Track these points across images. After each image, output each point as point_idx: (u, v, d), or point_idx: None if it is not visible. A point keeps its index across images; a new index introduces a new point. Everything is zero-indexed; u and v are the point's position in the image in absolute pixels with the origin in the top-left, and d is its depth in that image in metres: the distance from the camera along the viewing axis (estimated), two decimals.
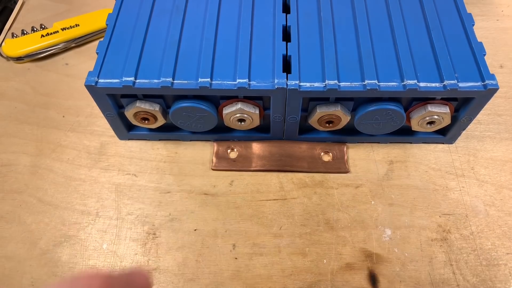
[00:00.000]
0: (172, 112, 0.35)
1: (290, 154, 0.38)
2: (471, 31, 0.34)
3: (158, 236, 0.35)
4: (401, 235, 0.34)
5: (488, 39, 0.46)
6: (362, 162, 0.38)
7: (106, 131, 0.40)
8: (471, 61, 0.32)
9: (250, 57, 0.33)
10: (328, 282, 0.33)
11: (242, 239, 0.34)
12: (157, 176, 0.38)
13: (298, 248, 0.34)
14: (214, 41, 0.34)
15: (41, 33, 0.46)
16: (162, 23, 0.36)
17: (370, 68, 0.32)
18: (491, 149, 0.39)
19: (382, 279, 0.33)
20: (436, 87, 0.31)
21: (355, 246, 0.34)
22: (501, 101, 0.41)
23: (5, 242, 0.35)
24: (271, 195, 0.37)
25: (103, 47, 0.34)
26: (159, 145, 0.40)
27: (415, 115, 0.34)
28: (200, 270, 0.33)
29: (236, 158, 0.38)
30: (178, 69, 0.33)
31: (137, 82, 0.32)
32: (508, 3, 0.49)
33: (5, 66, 0.46)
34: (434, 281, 0.32)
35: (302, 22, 0.36)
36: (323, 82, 0.32)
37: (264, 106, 0.35)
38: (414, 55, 0.33)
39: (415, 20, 0.35)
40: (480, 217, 0.35)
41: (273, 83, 0.32)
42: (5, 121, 0.42)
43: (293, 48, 0.34)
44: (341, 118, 0.35)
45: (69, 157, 0.39)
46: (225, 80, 0.32)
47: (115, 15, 0.36)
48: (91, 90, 0.32)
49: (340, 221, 0.35)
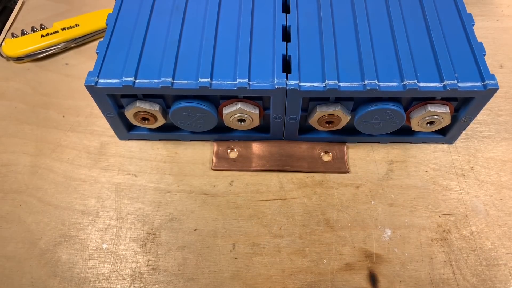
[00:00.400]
0: (172, 112, 0.35)
1: (290, 154, 0.38)
2: (471, 31, 0.34)
3: (158, 236, 0.35)
4: (401, 235, 0.34)
5: (488, 39, 0.46)
6: (362, 162, 0.38)
7: (106, 131, 0.40)
8: (471, 61, 0.32)
9: (250, 57, 0.33)
10: (328, 282, 0.33)
11: (242, 239, 0.34)
12: (157, 176, 0.38)
13: (298, 248, 0.34)
14: (214, 41, 0.34)
15: (41, 33, 0.46)
16: (162, 23, 0.36)
17: (370, 68, 0.32)
18: (491, 149, 0.39)
19: (382, 279, 0.33)
20: (436, 87, 0.31)
21: (355, 246, 0.34)
22: (501, 101, 0.41)
23: (5, 242, 0.35)
24: (271, 195, 0.37)
25: (103, 47, 0.34)
26: (159, 145, 0.40)
27: (415, 115, 0.34)
28: (200, 270, 0.33)
29: (236, 158, 0.38)
30: (178, 69, 0.33)
31: (137, 82, 0.32)
32: (508, 3, 0.49)
33: (5, 66, 0.46)
34: (434, 281, 0.32)
35: (302, 22, 0.36)
36: (323, 82, 0.32)
37: (264, 106, 0.35)
38: (414, 55, 0.33)
39: (415, 20, 0.35)
40: (480, 217, 0.35)
41: (273, 83, 0.32)
42: (5, 121, 0.42)
43: (293, 48, 0.34)
44: (341, 118, 0.35)
45: (69, 157, 0.39)
46: (225, 80, 0.32)
47: (115, 15, 0.36)
48: (91, 90, 0.32)
49: (340, 221, 0.35)
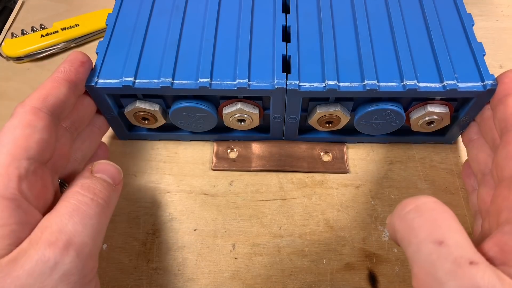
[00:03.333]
0: (172, 112, 0.35)
1: (290, 154, 0.38)
2: (471, 31, 0.34)
3: (158, 236, 0.35)
4: None
5: (488, 39, 0.46)
6: (362, 162, 0.38)
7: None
8: (471, 61, 0.32)
9: (250, 57, 0.33)
10: (327, 282, 0.33)
11: (242, 239, 0.35)
12: (157, 176, 0.38)
13: (298, 248, 0.34)
14: (214, 41, 0.34)
15: (41, 33, 0.46)
16: (162, 23, 0.36)
17: (370, 68, 0.32)
18: None
19: (381, 279, 0.33)
20: (436, 87, 0.31)
21: (354, 246, 0.34)
22: None
23: None
24: (271, 195, 0.37)
25: (103, 47, 0.34)
26: (159, 145, 0.40)
27: (414, 115, 0.34)
28: (200, 270, 0.33)
29: (236, 158, 0.38)
30: (178, 69, 0.33)
31: (137, 82, 0.32)
32: (508, 3, 0.49)
33: (5, 66, 0.46)
34: None
35: (302, 22, 0.36)
36: (322, 82, 0.32)
37: (264, 106, 0.35)
38: (414, 55, 0.33)
39: (414, 20, 0.35)
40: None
41: (273, 83, 0.32)
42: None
43: (293, 48, 0.34)
44: (341, 118, 0.35)
45: None
46: (225, 80, 0.32)
47: (115, 15, 0.36)
48: (91, 90, 0.32)
49: (340, 221, 0.35)
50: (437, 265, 0.19)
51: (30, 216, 0.23)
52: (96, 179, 0.26)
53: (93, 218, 0.23)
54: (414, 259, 0.21)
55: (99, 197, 0.25)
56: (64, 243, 0.22)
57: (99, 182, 0.26)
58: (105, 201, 0.25)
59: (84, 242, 0.22)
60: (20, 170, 0.23)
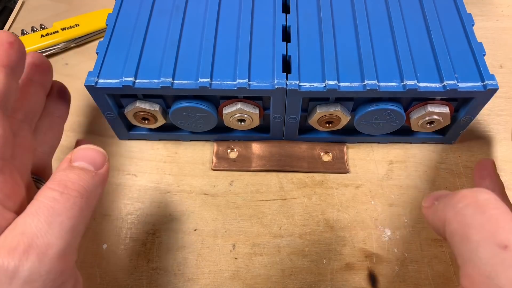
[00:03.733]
0: (172, 112, 0.35)
1: (290, 154, 0.38)
2: (471, 31, 0.34)
3: (158, 236, 0.35)
4: (400, 235, 0.34)
5: (488, 39, 0.46)
6: (362, 162, 0.38)
7: (106, 131, 0.40)
8: (471, 61, 0.32)
9: (250, 57, 0.33)
10: (328, 282, 0.33)
11: (242, 239, 0.35)
12: (157, 176, 0.38)
13: (298, 248, 0.34)
14: (214, 41, 0.34)
15: (41, 33, 0.46)
16: (162, 23, 0.36)
17: (370, 68, 0.32)
18: (491, 149, 0.39)
19: (381, 279, 0.33)
20: (436, 87, 0.31)
21: (354, 246, 0.34)
22: (501, 101, 0.41)
23: None
24: (271, 195, 0.37)
25: (103, 47, 0.34)
26: (159, 145, 0.40)
27: (415, 115, 0.34)
28: (200, 270, 0.33)
29: (236, 158, 0.38)
30: (178, 69, 0.33)
31: (137, 82, 0.32)
32: (508, 3, 0.49)
33: None
34: (434, 281, 0.32)
35: (302, 22, 0.36)
36: (323, 82, 0.32)
37: (264, 106, 0.35)
38: (414, 55, 0.33)
39: (414, 20, 0.35)
40: None
41: (273, 83, 0.32)
42: None
43: (293, 48, 0.34)
44: (341, 118, 0.35)
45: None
46: (225, 80, 0.32)
47: (115, 15, 0.36)
48: (91, 90, 0.32)
49: (340, 221, 0.35)
50: (499, 270, 0.18)
51: (1, 218, 0.21)
52: (70, 170, 0.23)
53: (62, 215, 0.21)
54: (470, 258, 0.19)
55: (71, 189, 0.22)
56: (25, 247, 0.20)
57: (74, 172, 0.23)
58: (79, 192, 0.22)
59: (49, 243, 0.20)
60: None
